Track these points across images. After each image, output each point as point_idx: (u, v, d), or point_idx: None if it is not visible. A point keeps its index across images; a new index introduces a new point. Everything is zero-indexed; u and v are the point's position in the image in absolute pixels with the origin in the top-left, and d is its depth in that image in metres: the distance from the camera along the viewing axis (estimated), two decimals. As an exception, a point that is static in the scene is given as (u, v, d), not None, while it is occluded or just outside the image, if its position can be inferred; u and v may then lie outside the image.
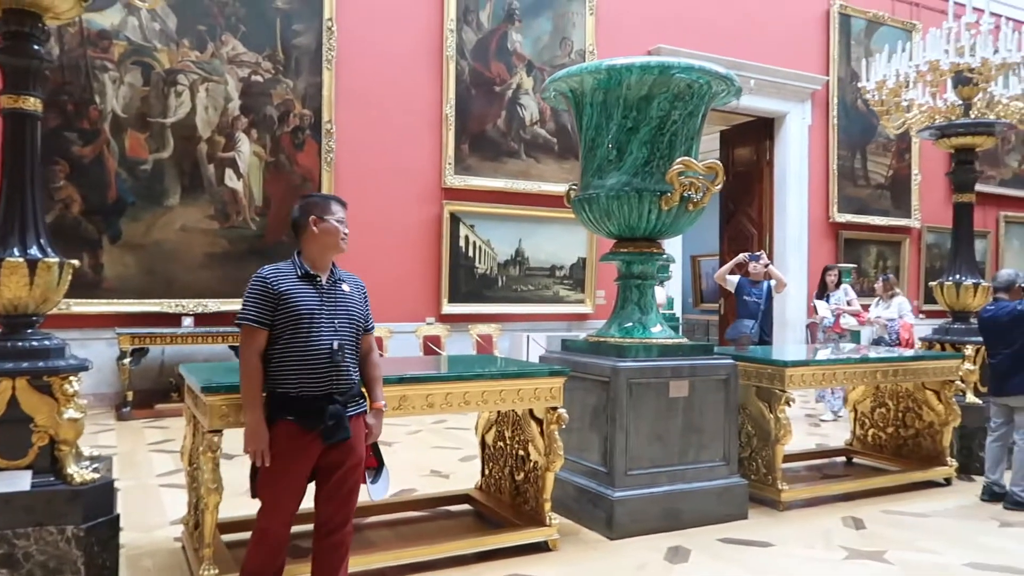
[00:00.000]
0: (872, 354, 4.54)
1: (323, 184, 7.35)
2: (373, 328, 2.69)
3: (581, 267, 8.81)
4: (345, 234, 2.52)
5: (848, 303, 7.53)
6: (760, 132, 10.75)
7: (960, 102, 5.09)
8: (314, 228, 2.46)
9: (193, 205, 6.97)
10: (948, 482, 4.64)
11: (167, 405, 6.51)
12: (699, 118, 3.74)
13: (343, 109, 7.55)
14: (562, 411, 3.21)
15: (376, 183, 7.74)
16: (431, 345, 7.70)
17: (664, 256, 3.82)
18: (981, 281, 5.16)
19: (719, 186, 3.58)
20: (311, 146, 7.38)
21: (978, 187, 11.95)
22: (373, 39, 7.79)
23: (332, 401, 2.41)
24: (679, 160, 3.49)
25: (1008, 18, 5.58)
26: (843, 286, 7.76)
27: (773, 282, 6.50)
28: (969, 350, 4.94)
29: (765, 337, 6.17)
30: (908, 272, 11.29)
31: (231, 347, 6.69)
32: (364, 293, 2.66)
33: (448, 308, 8.05)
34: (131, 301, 6.69)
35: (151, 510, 3.84)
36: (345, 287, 2.54)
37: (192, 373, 2.97)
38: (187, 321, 6.73)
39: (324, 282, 2.48)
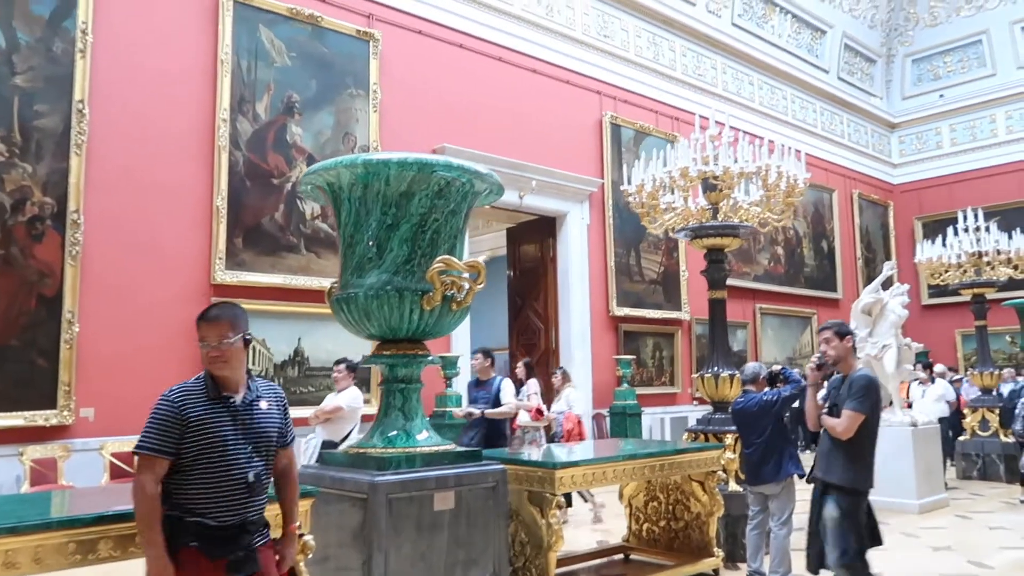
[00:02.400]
0: (642, 449, 4.61)
1: (66, 281, 6.50)
2: (293, 440, 2.50)
3: (366, 366, 8.44)
4: (215, 355, 2.30)
5: (528, 398, 7.07)
6: (544, 230, 11.20)
7: (709, 206, 5.52)
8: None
9: None
10: (716, 573, 4.73)
11: None
12: (462, 216, 3.66)
13: (94, 198, 6.82)
14: (308, 539, 2.85)
15: (133, 281, 7.00)
16: (195, 458, 6.90)
17: (429, 357, 3.63)
18: (736, 372, 5.50)
19: (482, 285, 3.48)
20: (52, 238, 6.53)
21: (737, 282, 13.30)
22: (134, 125, 7.19)
23: (244, 531, 2.29)
24: (440, 258, 3.37)
25: (745, 132, 6.21)
26: (530, 380, 7.46)
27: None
28: (729, 439, 5.19)
29: (494, 443, 5.73)
30: (681, 361, 12.05)
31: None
32: (283, 404, 2.47)
33: (217, 415, 7.32)
34: None
35: None
36: (263, 404, 2.35)
37: None
38: None
39: (239, 402, 2.28)
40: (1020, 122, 16.40)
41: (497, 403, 5.97)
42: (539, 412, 6.58)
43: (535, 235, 11.37)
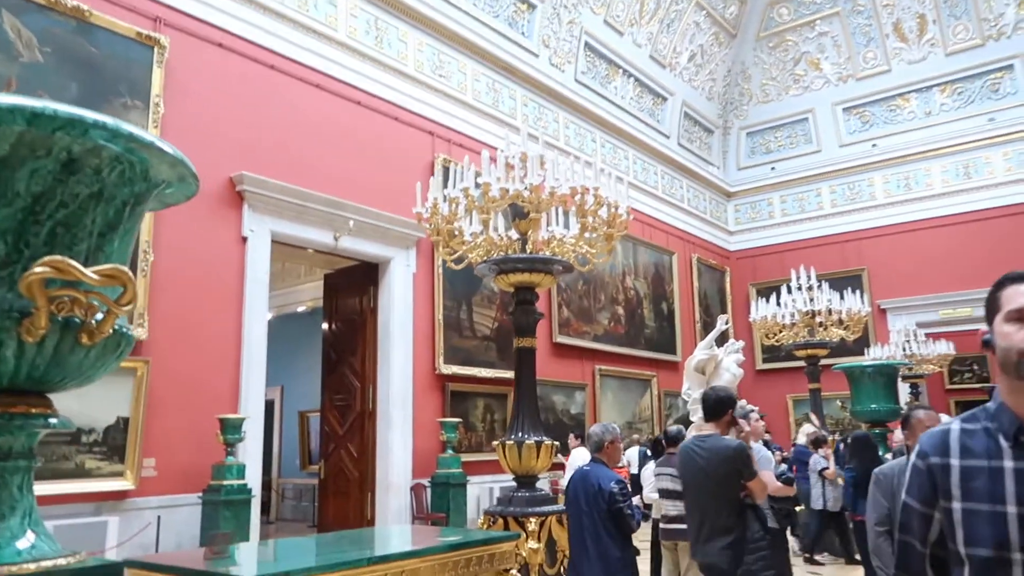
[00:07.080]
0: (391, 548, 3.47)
1: None
2: None
3: (121, 429, 6.85)
4: None
5: None
6: (365, 277, 10.05)
7: (518, 236, 4.62)
8: None
9: None
10: None
11: None
12: (122, 209, 2.44)
13: None
14: None
15: None
16: None
17: (51, 420, 2.35)
18: (544, 439, 4.52)
19: (129, 306, 2.28)
20: None
21: (576, 342, 12.60)
22: None
23: None
24: (45, 260, 2.14)
25: (561, 149, 5.41)
26: None
27: None
28: (532, 524, 4.17)
29: None
30: (515, 426, 11.08)
31: None
32: None
33: None
34: None
35: None
36: None
37: None
38: None
39: None
40: (843, 196, 17.15)
41: None
42: None
43: (355, 283, 10.19)
